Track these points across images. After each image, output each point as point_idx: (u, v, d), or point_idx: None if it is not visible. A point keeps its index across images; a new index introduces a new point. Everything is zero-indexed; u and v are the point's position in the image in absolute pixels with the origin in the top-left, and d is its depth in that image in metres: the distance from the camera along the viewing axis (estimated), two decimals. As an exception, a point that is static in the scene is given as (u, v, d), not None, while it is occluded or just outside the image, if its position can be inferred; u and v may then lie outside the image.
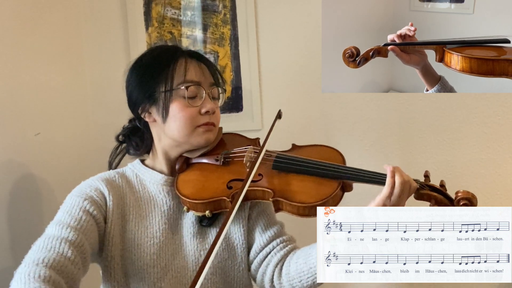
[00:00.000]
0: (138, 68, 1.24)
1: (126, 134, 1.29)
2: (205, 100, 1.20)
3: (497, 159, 1.73)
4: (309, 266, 1.14)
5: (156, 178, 1.24)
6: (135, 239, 1.16)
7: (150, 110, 1.21)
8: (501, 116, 1.72)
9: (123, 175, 1.25)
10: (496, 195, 1.73)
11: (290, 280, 1.17)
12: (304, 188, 1.14)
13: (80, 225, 1.08)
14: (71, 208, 1.12)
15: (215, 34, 1.88)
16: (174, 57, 1.21)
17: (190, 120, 1.19)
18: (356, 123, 1.82)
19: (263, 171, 1.18)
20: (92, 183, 1.19)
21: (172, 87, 1.18)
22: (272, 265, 1.21)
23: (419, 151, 1.78)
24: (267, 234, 1.24)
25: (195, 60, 1.23)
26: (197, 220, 1.21)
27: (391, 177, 1.08)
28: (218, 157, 1.23)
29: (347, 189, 1.15)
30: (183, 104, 1.18)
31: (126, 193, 1.21)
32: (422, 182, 1.14)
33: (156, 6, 1.90)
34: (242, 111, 1.88)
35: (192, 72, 1.20)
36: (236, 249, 1.22)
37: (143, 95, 1.21)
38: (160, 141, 1.24)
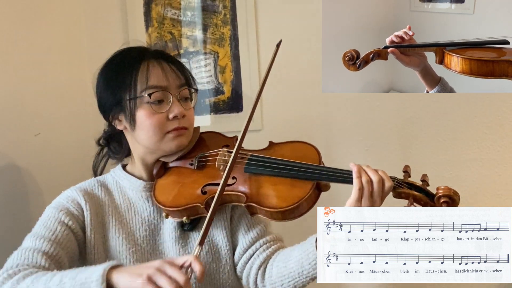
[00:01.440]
0: (105, 74, 1.21)
1: (106, 138, 1.28)
2: (173, 105, 1.16)
3: (497, 159, 1.73)
4: (289, 270, 1.11)
5: (135, 184, 1.22)
6: (117, 247, 1.16)
7: (119, 118, 1.19)
8: (501, 116, 1.72)
9: (103, 183, 1.24)
10: (496, 195, 1.73)
11: (272, 283, 1.15)
12: (276, 192, 1.10)
13: (55, 236, 1.09)
14: (47, 220, 1.13)
15: (215, 34, 1.88)
16: (137, 62, 1.17)
17: (158, 127, 1.15)
18: (356, 123, 1.82)
19: (237, 173, 1.15)
20: (70, 194, 1.19)
21: (136, 94, 1.15)
22: (255, 267, 1.19)
23: (419, 151, 1.78)
24: (249, 235, 1.21)
25: (161, 61, 1.18)
26: (179, 225, 1.20)
27: (357, 178, 1.02)
28: (192, 161, 1.20)
29: (323, 188, 1.11)
30: (149, 111, 1.14)
31: (105, 202, 1.20)
32: (399, 179, 1.09)
33: (156, 6, 1.90)
34: (242, 111, 1.88)
35: (155, 77, 1.15)
36: (220, 252, 1.20)
37: (111, 102, 1.18)
38: (135, 148, 1.22)
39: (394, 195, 1.08)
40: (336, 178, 1.09)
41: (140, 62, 1.17)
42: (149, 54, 1.19)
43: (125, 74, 1.16)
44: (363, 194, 1.02)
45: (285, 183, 1.10)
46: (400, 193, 1.08)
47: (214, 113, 1.88)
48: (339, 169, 1.09)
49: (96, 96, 1.23)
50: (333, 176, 1.09)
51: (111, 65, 1.21)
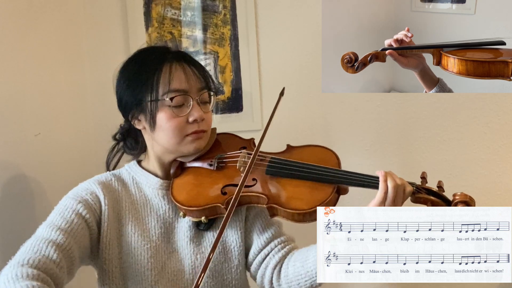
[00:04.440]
0: (127, 73, 1.21)
1: (122, 133, 1.28)
2: (193, 108, 1.17)
3: (497, 159, 1.73)
4: (307, 269, 1.14)
5: (152, 181, 1.23)
6: (131, 242, 1.16)
7: (139, 118, 1.20)
8: (501, 116, 1.72)
9: (119, 177, 1.24)
10: (496, 195, 1.73)
11: (288, 283, 1.17)
12: (298, 194, 1.12)
13: (71, 228, 1.08)
14: (64, 209, 1.12)
15: (215, 34, 1.88)
16: (160, 63, 1.17)
17: (178, 130, 1.16)
18: (356, 123, 1.82)
19: (257, 175, 1.16)
20: (88, 186, 1.18)
21: (157, 97, 1.15)
22: (270, 267, 1.21)
23: (419, 151, 1.78)
24: (265, 235, 1.23)
25: (183, 63, 1.18)
26: (194, 224, 1.21)
27: (384, 181, 1.07)
28: (212, 161, 1.21)
29: (343, 192, 1.14)
30: (169, 114, 1.15)
31: (122, 197, 1.21)
32: (418, 185, 1.13)
33: (156, 6, 1.90)
34: (242, 111, 1.88)
35: (177, 81, 1.16)
36: (232, 252, 1.22)
37: (131, 102, 1.18)
38: (152, 147, 1.23)
39: (412, 200, 1.12)
40: (357, 182, 1.12)
41: (162, 64, 1.17)
42: (171, 55, 1.19)
43: (148, 75, 1.16)
44: (387, 197, 1.06)
45: (307, 186, 1.13)
46: (419, 198, 1.11)
47: (214, 113, 1.88)
48: (360, 174, 1.13)
49: (116, 94, 1.22)
50: (354, 180, 1.12)
51: (133, 65, 1.21)
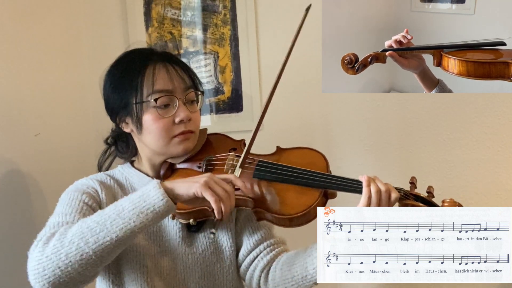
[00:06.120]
0: (112, 76, 1.21)
1: (114, 137, 1.28)
2: (179, 109, 1.16)
3: (497, 159, 1.73)
4: (293, 274, 1.13)
5: (144, 181, 1.22)
6: None
7: (126, 121, 1.19)
8: (501, 116, 1.72)
9: (113, 177, 1.24)
10: (496, 195, 1.73)
11: (275, 286, 1.16)
12: (284, 198, 1.11)
13: (82, 214, 1.08)
14: (70, 201, 1.12)
15: (215, 34, 1.88)
16: (144, 65, 1.16)
17: (165, 131, 1.15)
18: (356, 123, 1.82)
19: (245, 178, 1.15)
20: (86, 182, 1.19)
21: (142, 99, 1.15)
22: (258, 269, 1.20)
23: (419, 151, 1.78)
24: (254, 237, 1.22)
25: (166, 64, 1.18)
26: (184, 226, 1.20)
27: (366, 186, 1.06)
28: (200, 163, 1.21)
29: (330, 196, 1.13)
30: (155, 115, 1.15)
31: (118, 192, 1.21)
32: (406, 190, 1.12)
33: (156, 6, 1.90)
34: (242, 111, 1.88)
35: (161, 81, 1.15)
36: (224, 253, 1.21)
37: (118, 105, 1.18)
38: (142, 149, 1.23)
39: (400, 206, 1.10)
40: (344, 187, 1.11)
41: (146, 66, 1.17)
42: (154, 56, 1.19)
43: (131, 77, 1.16)
44: (371, 203, 1.05)
45: (294, 190, 1.12)
46: (406, 204, 1.10)
47: (214, 113, 1.88)
48: (347, 179, 1.12)
49: (103, 97, 1.23)
50: (341, 185, 1.11)
51: (118, 68, 1.21)
